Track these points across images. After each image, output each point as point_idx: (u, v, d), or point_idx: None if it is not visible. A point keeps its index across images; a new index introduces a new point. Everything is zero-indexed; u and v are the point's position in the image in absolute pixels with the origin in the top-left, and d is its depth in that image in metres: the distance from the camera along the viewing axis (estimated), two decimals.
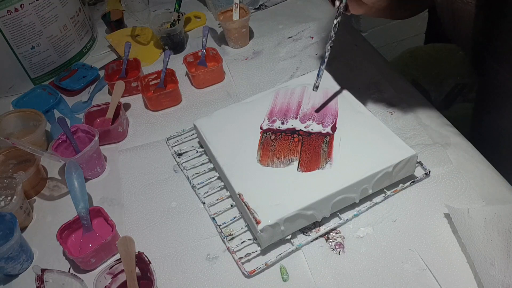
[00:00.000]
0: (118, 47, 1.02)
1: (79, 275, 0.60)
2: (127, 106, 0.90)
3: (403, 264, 0.58)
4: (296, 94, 0.77)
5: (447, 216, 0.62)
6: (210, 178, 0.72)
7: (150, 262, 0.59)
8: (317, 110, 0.72)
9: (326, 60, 0.70)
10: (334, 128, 0.70)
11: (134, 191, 0.73)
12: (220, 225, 0.65)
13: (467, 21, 0.66)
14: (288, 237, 0.62)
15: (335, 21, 0.68)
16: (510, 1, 0.60)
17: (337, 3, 0.68)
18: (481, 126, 0.88)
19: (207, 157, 0.75)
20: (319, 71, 0.71)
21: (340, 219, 0.63)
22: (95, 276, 0.58)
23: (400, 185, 0.66)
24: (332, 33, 0.69)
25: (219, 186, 0.71)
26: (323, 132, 0.70)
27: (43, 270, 0.56)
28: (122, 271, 0.60)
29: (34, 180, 0.74)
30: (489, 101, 0.83)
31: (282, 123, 0.72)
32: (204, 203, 0.69)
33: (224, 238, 0.63)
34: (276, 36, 1.00)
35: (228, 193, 0.69)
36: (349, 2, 0.68)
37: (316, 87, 0.71)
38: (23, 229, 0.70)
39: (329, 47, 0.70)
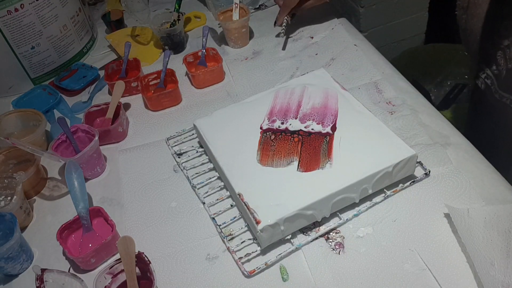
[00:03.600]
0: (118, 47, 1.02)
1: (79, 275, 0.60)
2: (127, 106, 0.90)
3: (403, 264, 0.58)
4: (296, 94, 0.77)
5: (447, 216, 0.62)
6: (210, 178, 0.72)
7: (150, 262, 0.59)
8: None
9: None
10: (334, 128, 0.70)
11: (134, 191, 0.73)
12: (220, 225, 0.65)
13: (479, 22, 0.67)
14: (288, 237, 0.62)
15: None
16: None
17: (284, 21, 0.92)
18: (474, 126, 0.89)
19: (207, 157, 0.75)
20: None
21: (340, 219, 0.63)
22: (95, 276, 0.58)
23: (400, 185, 0.66)
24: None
25: (219, 186, 0.71)
26: (323, 132, 0.70)
27: (43, 270, 0.56)
28: (122, 271, 0.60)
29: (34, 180, 0.74)
30: (481, 103, 0.83)
31: (282, 123, 0.72)
32: (204, 203, 0.69)
33: (224, 238, 0.63)
34: (276, 36, 1.00)
35: (228, 193, 0.69)
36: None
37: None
38: (23, 229, 0.70)
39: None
